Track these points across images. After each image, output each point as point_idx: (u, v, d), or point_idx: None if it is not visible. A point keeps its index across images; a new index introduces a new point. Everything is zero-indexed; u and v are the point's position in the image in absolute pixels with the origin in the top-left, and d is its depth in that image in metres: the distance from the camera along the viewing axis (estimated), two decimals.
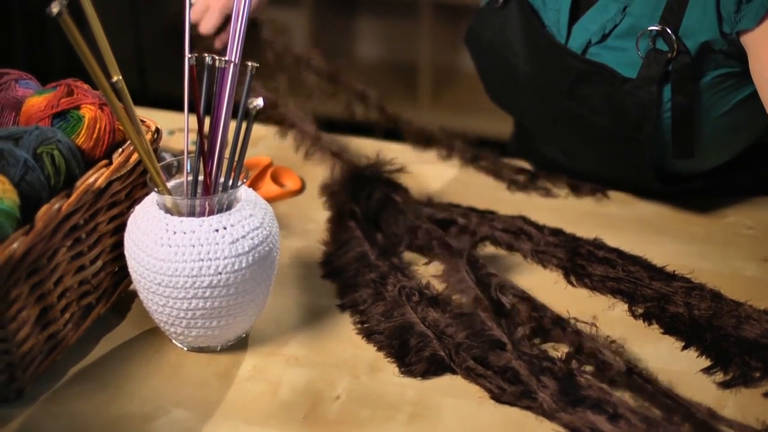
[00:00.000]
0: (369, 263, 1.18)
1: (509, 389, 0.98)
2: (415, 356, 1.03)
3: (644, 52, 1.25)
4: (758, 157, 1.37)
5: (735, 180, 1.38)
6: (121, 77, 0.94)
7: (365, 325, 1.09)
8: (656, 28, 1.23)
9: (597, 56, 1.29)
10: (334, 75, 1.56)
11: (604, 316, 1.12)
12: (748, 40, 1.19)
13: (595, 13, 1.30)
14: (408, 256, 1.23)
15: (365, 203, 1.30)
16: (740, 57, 1.21)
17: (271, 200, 1.33)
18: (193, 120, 1.01)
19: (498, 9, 1.40)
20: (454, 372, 1.02)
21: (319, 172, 1.43)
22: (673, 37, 1.21)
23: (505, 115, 1.52)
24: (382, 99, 1.56)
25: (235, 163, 1.01)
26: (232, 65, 1.01)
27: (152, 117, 1.16)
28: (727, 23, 1.19)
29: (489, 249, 1.25)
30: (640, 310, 1.13)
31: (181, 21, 1.02)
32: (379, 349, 1.06)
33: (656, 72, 1.23)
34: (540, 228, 1.27)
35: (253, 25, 1.55)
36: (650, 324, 1.11)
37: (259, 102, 0.96)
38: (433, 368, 1.02)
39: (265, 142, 1.52)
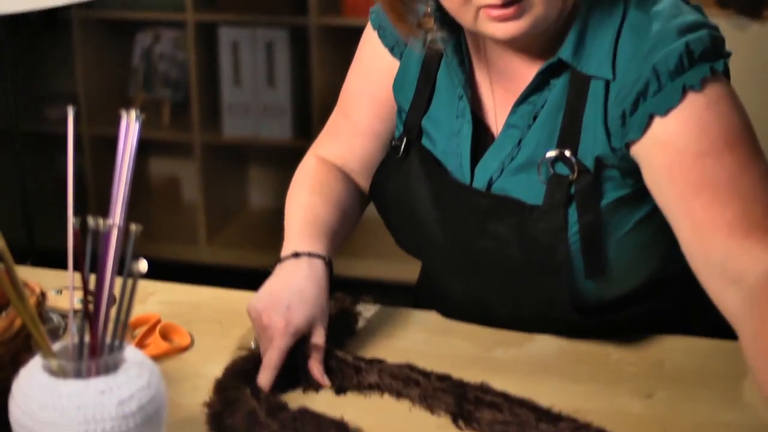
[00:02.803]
0: (258, 422, 1.17)
1: None
2: None
3: (546, 178, 1.29)
4: (666, 288, 1.41)
5: (647, 311, 1.42)
6: (3, 243, 0.94)
7: None
8: (554, 153, 1.28)
9: (502, 190, 1.33)
10: None
11: None
12: (638, 151, 1.25)
13: (493, 151, 1.35)
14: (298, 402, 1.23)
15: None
16: (634, 173, 1.27)
17: (160, 357, 1.33)
18: (79, 280, 1.02)
19: (399, 161, 1.43)
20: None
21: (207, 328, 1.43)
22: (573, 160, 1.27)
23: (396, 259, 1.53)
24: None
25: (120, 324, 1.01)
26: (115, 228, 1.02)
27: (40, 276, 1.16)
28: (616, 138, 1.25)
29: (376, 396, 1.27)
30: None
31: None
32: None
33: (560, 196, 1.28)
34: (427, 375, 1.27)
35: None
36: None
37: (142, 266, 0.97)
38: None
39: (155, 298, 1.52)
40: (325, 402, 1.25)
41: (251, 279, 1.55)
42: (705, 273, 1.22)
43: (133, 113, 1.05)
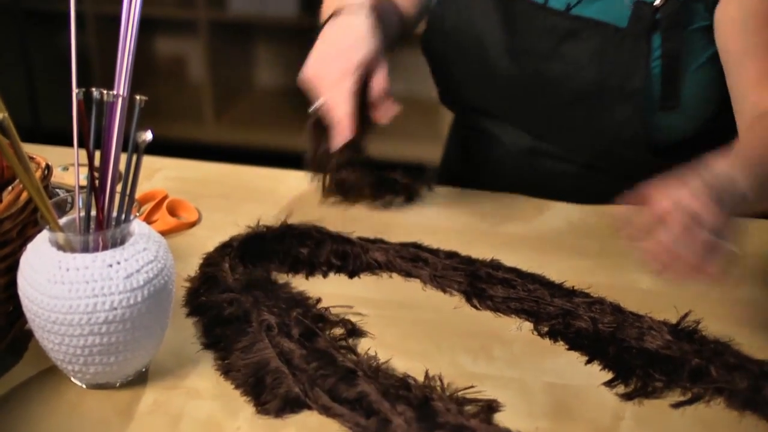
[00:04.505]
0: (233, 299, 1.15)
1: (365, 423, 0.96)
2: (270, 394, 1.01)
3: (631, 2, 1.29)
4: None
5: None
6: (6, 114, 0.93)
7: (225, 362, 1.07)
8: None
9: (582, 12, 1.33)
10: None
11: (509, 336, 1.13)
12: None
13: None
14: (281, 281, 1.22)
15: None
16: (713, 7, 1.29)
17: (168, 232, 1.32)
18: (84, 155, 1.01)
19: None
20: (311, 408, 1.00)
21: (215, 203, 1.42)
22: None
23: (402, 136, 1.51)
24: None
25: (126, 197, 1.01)
26: (120, 99, 1.00)
27: (46, 153, 1.15)
28: None
29: (386, 277, 1.25)
30: (546, 328, 1.14)
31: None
32: (236, 387, 1.03)
33: (645, 22, 1.28)
34: (435, 252, 1.27)
35: None
36: (556, 341, 1.12)
37: (147, 135, 0.96)
38: (289, 406, 0.99)
39: (162, 174, 1.51)
40: (337, 285, 1.24)
41: (259, 158, 1.54)
42: (748, 115, 1.27)
43: None
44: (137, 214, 1.01)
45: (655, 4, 1.28)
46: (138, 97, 0.99)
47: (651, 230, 1.00)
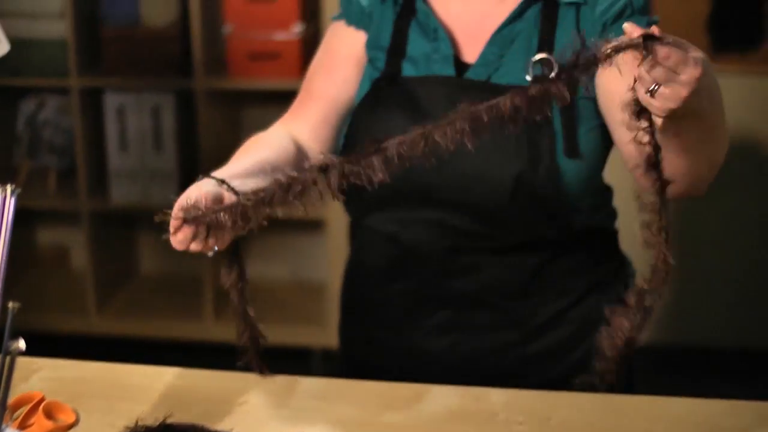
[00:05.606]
0: None
1: None
2: None
3: (531, 76, 1.50)
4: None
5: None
6: None
7: None
8: (538, 57, 1.50)
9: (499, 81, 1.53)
10: None
11: None
12: None
13: (475, 69, 1.55)
14: None
15: None
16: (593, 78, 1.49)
17: None
18: None
19: (375, 104, 1.56)
20: None
21: (93, 404, 1.41)
22: (553, 59, 1.49)
23: (299, 324, 1.51)
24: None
25: None
26: None
27: None
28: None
29: None
30: None
31: None
32: None
33: None
34: None
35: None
36: None
37: (20, 345, 0.96)
38: None
39: (39, 375, 1.49)
40: None
41: (144, 349, 1.53)
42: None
43: (8, 188, 1.04)
44: (10, 422, 1.00)
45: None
46: (11, 305, 0.99)
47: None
